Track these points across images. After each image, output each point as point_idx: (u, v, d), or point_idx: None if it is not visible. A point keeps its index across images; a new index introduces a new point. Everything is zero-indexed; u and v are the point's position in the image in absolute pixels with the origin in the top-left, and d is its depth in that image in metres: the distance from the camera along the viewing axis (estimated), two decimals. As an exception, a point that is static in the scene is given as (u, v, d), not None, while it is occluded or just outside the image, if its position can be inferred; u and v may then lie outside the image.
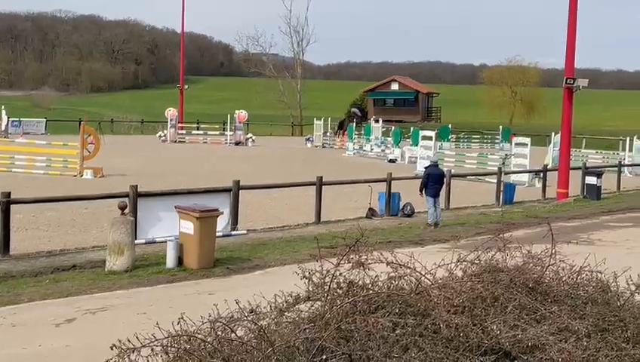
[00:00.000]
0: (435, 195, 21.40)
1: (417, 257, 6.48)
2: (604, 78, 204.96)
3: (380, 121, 57.17)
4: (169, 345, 4.88)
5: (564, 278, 6.63)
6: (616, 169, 34.19)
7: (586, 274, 6.77)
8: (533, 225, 20.43)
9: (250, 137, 58.99)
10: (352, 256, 5.86)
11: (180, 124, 61.34)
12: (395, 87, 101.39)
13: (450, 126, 64.38)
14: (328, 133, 61.02)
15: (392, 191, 23.80)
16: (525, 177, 33.97)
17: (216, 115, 78.13)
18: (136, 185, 17.53)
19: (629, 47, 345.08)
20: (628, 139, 44.55)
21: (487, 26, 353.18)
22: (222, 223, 18.01)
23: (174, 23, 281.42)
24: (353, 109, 73.23)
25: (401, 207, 23.78)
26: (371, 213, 23.15)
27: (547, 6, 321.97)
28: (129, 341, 4.70)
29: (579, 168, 30.88)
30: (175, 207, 15.57)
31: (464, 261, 6.46)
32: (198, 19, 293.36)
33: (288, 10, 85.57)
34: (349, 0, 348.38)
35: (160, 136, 59.35)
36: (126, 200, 16.38)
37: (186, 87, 72.48)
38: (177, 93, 70.82)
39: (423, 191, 21.40)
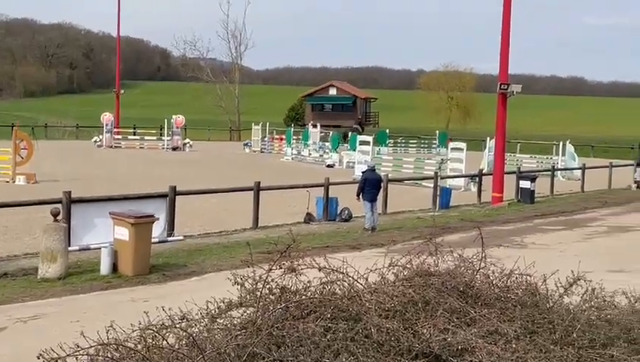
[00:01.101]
0: (373, 200, 21.50)
1: (354, 262, 6.50)
2: (538, 83, 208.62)
3: (318, 126, 57.31)
4: (96, 354, 4.81)
5: (494, 281, 6.72)
6: (549, 173, 34.81)
7: (516, 277, 6.87)
8: (468, 228, 20.69)
9: (188, 142, 58.56)
10: (284, 262, 5.85)
11: (116, 129, 60.56)
12: (333, 92, 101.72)
13: (387, 131, 64.85)
14: (266, 138, 60.91)
15: (329, 196, 23.87)
16: (461, 181, 34.39)
17: (153, 119, 77.43)
18: (70, 191, 17.26)
19: (562, 54, 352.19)
20: (561, 143, 45.42)
21: (424, 31, 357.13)
22: (158, 229, 17.84)
23: (110, 27, 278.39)
24: (354, 126, 73.57)
25: (338, 212, 23.85)
26: (309, 218, 23.16)
27: (482, 12, 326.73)
28: (53, 350, 4.61)
29: (513, 172, 31.37)
30: (110, 213, 15.37)
31: (396, 265, 6.51)
32: (135, 24, 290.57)
33: (226, 15, 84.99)
34: (288, 5, 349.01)
35: (96, 142, 58.52)
36: (59, 206, 16.10)
37: (122, 91, 71.64)
38: (113, 98, 69.94)
39: (361, 196, 21.50)
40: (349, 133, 66.60)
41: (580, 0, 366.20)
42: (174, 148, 56.97)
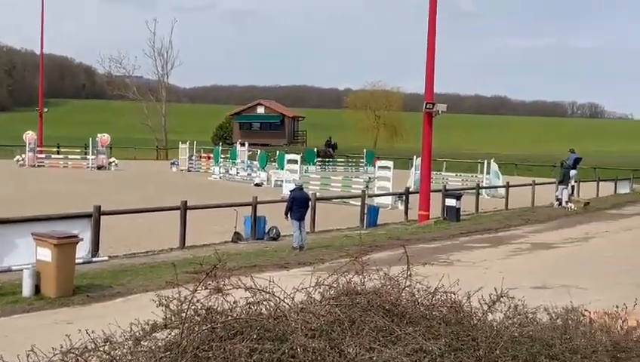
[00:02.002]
0: (301, 218, 21.53)
1: (281, 281, 6.50)
2: (464, 102, 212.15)
3: (246, 145, 57.19)
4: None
5: (419, 300, 6.79)
6: (474, 191, 35.36)
7: (441, 295, 6.95)
8: (395, 246, 20.85)
9: (113, 161, 57.77)
10: (210, 282, 5.82)
11: (39, 148, 59.38)
12: (261, 110, 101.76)
13: (315, 149, 65.07)
14: (193, 157, 60.50)
15: (257, 214, 23.83)
16: (388, 200, 34.67)
17: (78, 138, 76.11)
18: (-10, 212, 16.85)
19: (486, 74, 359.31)
20: (485, 162, 46.19)
21: (352, 50, 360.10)
22: (82, 250, 17.52)
23: (33, 44, 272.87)
24: (326, 149, 72.17)
25: (266, 231, 23.82)
26: (237, 237, 23.07)
27: (408, 33, 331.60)
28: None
29: (439, 191, 31.77)
30: (32, 233, 15.04)
31: (323, 284, 6.53)
32: (59, 40, 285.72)
33: (152, 33, 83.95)
34: (216, 24, 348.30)
35: (18, 161, 57.24)
36: (-21, 227, 15.69)
37: (46, 109, 70.33)
38: (36, 116, 68.61)
39: (289, 215, 21.51)
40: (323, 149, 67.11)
41: (504, 22, 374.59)
42: (99, 167, 56.13)
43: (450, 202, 29.96)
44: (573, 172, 38.61)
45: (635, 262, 20.12)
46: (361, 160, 65.62)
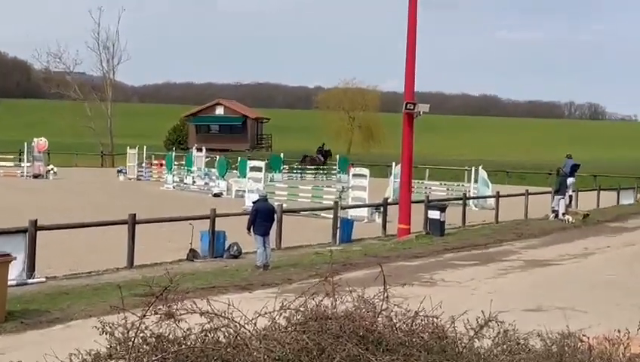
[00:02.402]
0: (265, 233, 21.51)
1: (243, 304, 6.49)
2: (449, 102, 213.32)
3: (204, 150, 57.08)
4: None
5: (398, 325, 6.80)
6: (461, 202, 35.54)
7: (422, 320, 6.96)
8: (372, 265, 20.88)
9: (52, 169, 57.37)
10: (160, 307, 5.80)
11: (-34, 154, 58.87)
12: (220, 111, 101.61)
13: (282, 155, 65.12)
14: (143, 164, 60.25)
15: (216, 229, 23.78)
16: (364, 212, 34.75)
17: (10, 142, 75.53)
18: None
19: (473, 70, 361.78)
20: (473, 169, 46.41)
21: (323, 45, 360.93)
22: (15, 270, 17.38)
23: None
24: (315, 155, 70.77)
25: (226, 248, 23.77)
26: (193, 255, 23.00)
27: (386, 26, 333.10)
28: None
29: (421, 201, 31.88)
30: (-43, 252, 14.89)
31: (289, 308, 6.53)
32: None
33: (96, 24, 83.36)
34: (168, 14, 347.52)
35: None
36: None
37: (-26, 110, 69.77)
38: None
39: (251, 229, 21.48)
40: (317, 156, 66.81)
41: (493, 13, 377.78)
42: (36, 176, 55.72)
43: (434, 214, 30.07)
44: (570, 180, 38.93)
45: (636, 279, 20.34)
46: (334, 167, 65.74)
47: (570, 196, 39.79)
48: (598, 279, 20.54)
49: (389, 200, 34.00)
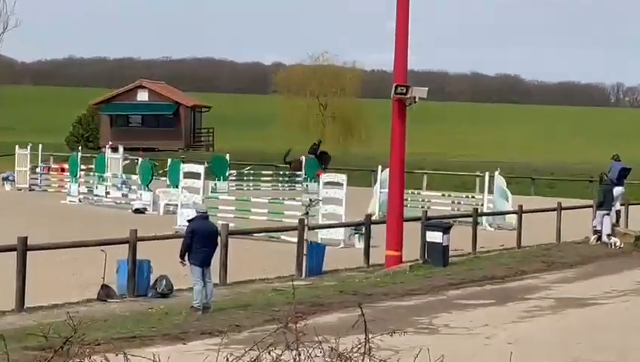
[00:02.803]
0: (205, 263, 21.47)
1: (176, 360, 6.52)
2: (454, 84, 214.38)
3: (121, 150, 56.83)
4: None
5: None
6: (470, 220, 35.62)
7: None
8: (350, 305, 20.88)
9: None
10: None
11: None
12: (143, 96, 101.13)
13: (227, 156, 65.00)
14: (38, 169, 59.88)
15: (138, 258, 23.71)
16: (340, 233, 34.75)
17: None
18: None
19: (487, 42, 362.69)
20: (487, 174, 46.46)
21: (282, 6, 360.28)
22: None
23: None
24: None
25: (152, 283, 23.71)
26: (106, 293, 22.94)
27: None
28: None
29: (417, 219, 31.92)
30: None
31: (237, 366, 6.57)
32: None
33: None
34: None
35: None
36: None
37: None
38: None
39: (186, 258, 21.44)
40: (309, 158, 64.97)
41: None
42: None
43: (434, 237, 30.14)
44: (618, 190, 39.11)
45: None
46: (298, 172, 65.69)
47: (618, 211, 39.99)
48: (655, 324, 20.68)
49: (373, 218, 34.05)
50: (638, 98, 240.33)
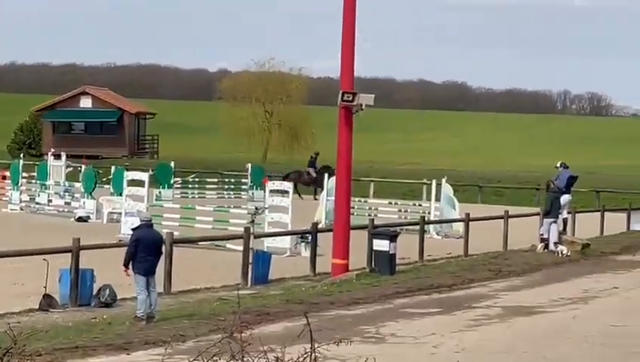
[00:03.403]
0: (149, 272, 21.38)
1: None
2: (402, 92, 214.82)
3: (64, 157, 56.47)
4: None
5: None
6: (417, 228, 35.69)
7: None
8: (296, 314, 20.89)
9: None
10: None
11: None
12: (87, 103, 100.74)
13: (172, 164, 64.79)
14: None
15: (81, 267, 23.56)
16: (286, 242, 34.72)
17: None
18: None
19: (435, 48, 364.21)
20: (434, 182, 46.61)
21: (230, 14, 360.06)
22: None
23: None
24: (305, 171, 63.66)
25: (95, 292, 23.59)
26: (48, 303, 22.78)
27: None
28: None
29: (364, 227, 31.93)
30: None
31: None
32: None
33: None
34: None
35: None
36: None
37: None
38: None
39: (130, 266, 21.35)
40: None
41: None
42: None
43: (381, 245, 30.16)
44: (565, 198, 39.34)
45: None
46: (244, 179, 65.59)
47: (565, 219, 40.26)
48: (602, 332, 20.81)
49: (319, 226, 34.04)
50: (584, 105, 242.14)
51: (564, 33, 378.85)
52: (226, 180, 67.99)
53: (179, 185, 62.95)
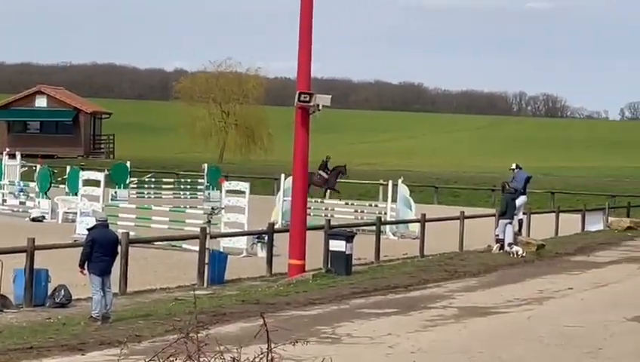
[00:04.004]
0: (105, 273, 21.33)
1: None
2: (358, 93, 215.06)
3: (19, 157, 56.18)
4: None
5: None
6: (374, 228, 35.74)
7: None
8: (252, 315, 20.85)
9: None
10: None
11: None
12: (42, 102, 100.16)
13: (128, 164, 64.56)
14: None
15: (35, 267, 23.45)
16: (242, 242, 34.70)
17: None
18: None
19: (391, 50, 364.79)
20: (390, 183, 46.70)
21: (183, 13, 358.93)
22: None
23: None
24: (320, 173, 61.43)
25: (50, 293, 23.48)
26: (2, 303, 22.69)
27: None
28: None
29: (321, 228, 31.96)
30: None
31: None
32: None
33: None
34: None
35: None
36: None
37: None
38: None
39: (86, 267, 21.28)
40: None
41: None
42: None
43: (338, 246, 30.18)
44: (521, 199, 39.52)
45: (608, 337, 20.78)
46: (200, 180, 65.48)
47: (521, 220, 40.44)
48: (557, 332, 20.91)
49: (276, 227, 34.04)
50: (539, 107, 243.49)
51: (519, 36, 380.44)
52: (182, 180, 67.93)
53: (135, 185, 62.78)
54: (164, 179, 67.84)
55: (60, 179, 53.88)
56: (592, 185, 74.50)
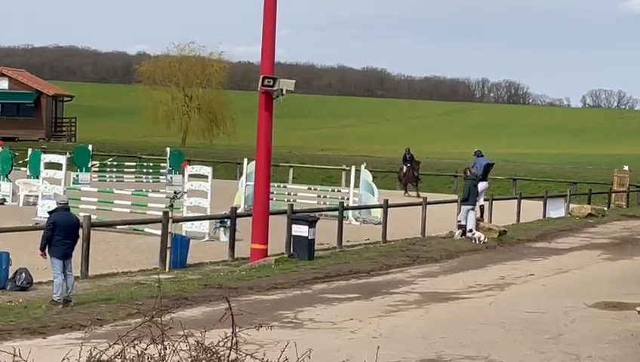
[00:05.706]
0: (66, 256, 21.24)
1: (36, 355, 6.44)
2: (322, 78, 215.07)
3: (-21, 139, 55.90)
4: None
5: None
6: (336, 213, 35.79)
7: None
8: (215, 299, 20.88)
9: None
10: None
11: None
12: (3, 84, 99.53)
13: (90, 147, 64.29)
14: None
15: (-4, 250, 23.40)
16: (205, 226, 34.67)
17: None
18: None
19: (353, 35, 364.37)
20: (353, 168, 46.77)
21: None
22: None
23: None
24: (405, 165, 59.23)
25: (11, 276, 23.39)
26: (-37, 287, 22.60)
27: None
28: None
29: (283, 213, 31.97)
30: None
31: (99, 360, 6.50)
32: None
33: None
34: None
35: None
36: None
37: None
38: None
39: (47, 250, 21.19)
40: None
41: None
42: None
43: (300, 230, 30.22)
44: (482, 185, 39.68)
45: (569, 323, 20.91)
46: (163, 163, 65.32)
47: (482, 207, 40.62)
48: (518, 318, 21.02)
49: (238, 211, 34.01)
50: (502, 94, 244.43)
51: (482, 23, 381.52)
52: (145, 164, 67.70)
53: (96, 169, 62.50)
54: (127, 163, 67.62)
55: (21, 161, 53.60)
56: (554, 172, 74.87)
